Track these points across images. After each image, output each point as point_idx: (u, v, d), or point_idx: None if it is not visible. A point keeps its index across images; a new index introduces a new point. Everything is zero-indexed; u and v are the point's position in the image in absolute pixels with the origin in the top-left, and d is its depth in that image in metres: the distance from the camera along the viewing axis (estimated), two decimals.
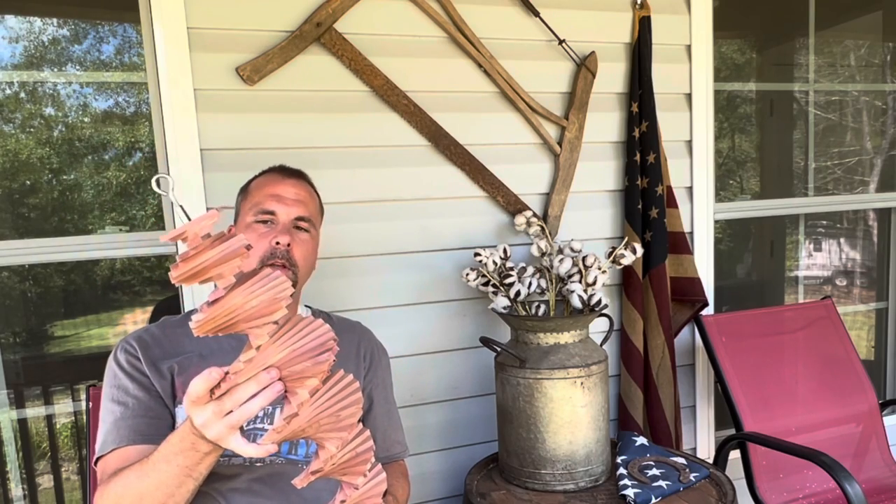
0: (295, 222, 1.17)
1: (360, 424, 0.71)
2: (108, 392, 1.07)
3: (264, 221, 1.15)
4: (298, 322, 0.67)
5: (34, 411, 1.83)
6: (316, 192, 1.28)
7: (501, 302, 1.57)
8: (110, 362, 1.10)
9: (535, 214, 1.73)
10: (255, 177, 1.26)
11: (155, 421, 1.03)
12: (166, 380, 1.08)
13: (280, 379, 0.67)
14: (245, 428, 0.76)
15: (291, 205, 1.17)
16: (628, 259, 1.57)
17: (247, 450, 0.73)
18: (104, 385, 1.09)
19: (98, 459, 1.03)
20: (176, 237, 0.61)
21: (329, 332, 0.67)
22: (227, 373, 0.69)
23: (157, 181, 0.70)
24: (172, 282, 0.63)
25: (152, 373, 1.07)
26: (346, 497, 0.71)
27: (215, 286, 0.64)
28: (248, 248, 0.63)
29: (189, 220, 0.62)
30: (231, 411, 0.71)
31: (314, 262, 1.23)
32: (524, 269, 1.59)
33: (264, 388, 0.68)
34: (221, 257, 0.62)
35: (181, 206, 0.68)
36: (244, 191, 1.24)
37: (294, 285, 1.16)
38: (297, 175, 1.25)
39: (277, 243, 1.12)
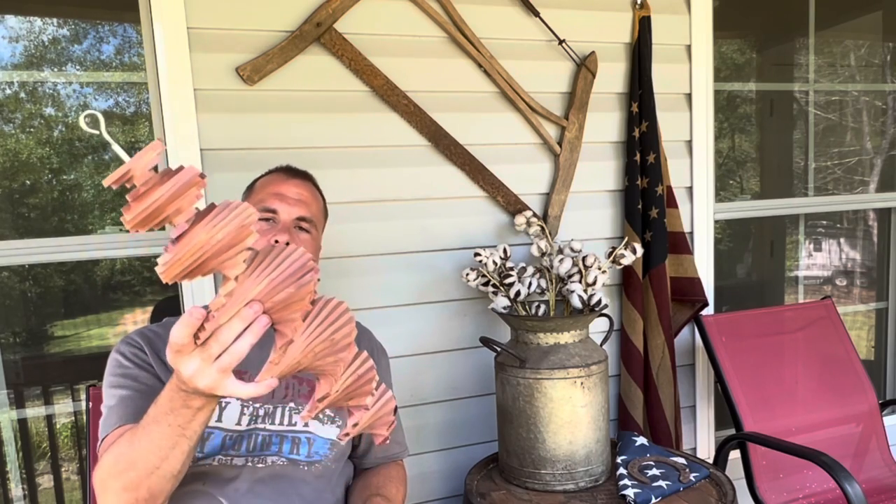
0: (296, 222, 1.17)
1: (356, 347, 0.68)
2: (109, 380, 1.05)
3: (266, 219, 1.15)
4: (272, 251, 0.63)
5: (34, 411, 1.83)
6: (321, 193, 1.28)
7: (501, 302, 1.57)
8: (113, 355, 1.08)
9: (535, 214, 1.73)
10: (262, 175, 1.26)
11: None
12: (170, 373, 1.07)
13: (265, 313, 0.64)
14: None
15: (293, 204, 1.17)
16: (628, 259, 1.57)
17: (246, 390, 0.68)
18: (105, 376, 1.07)
19: (101, 443, 1.00)
20: (120, 178, 0.56)
21: (306, 253, 0.64)
22: (208, 312, 0.64)
23: (87, 119, 0.63)
24: (126, 227, 0.57)
25: (158, 365, 1.07)
26: (358, 419, 0.69)
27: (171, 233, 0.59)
28: (203, 176, 0.59)
29: (129, 158, 0.57)
30: (220, 355, 0.66)
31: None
32: (524, 269, 1.59)
33: (250, 325, 0.64)
34: (176, 190, 0.57)
35: (119, 145, 0.61)
36: (250, 188, 1.25)
37: None
38: (303, 176, 1.25)
39: (276, 241, 1.12)
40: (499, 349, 1.51)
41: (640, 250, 1.61)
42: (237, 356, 0.66)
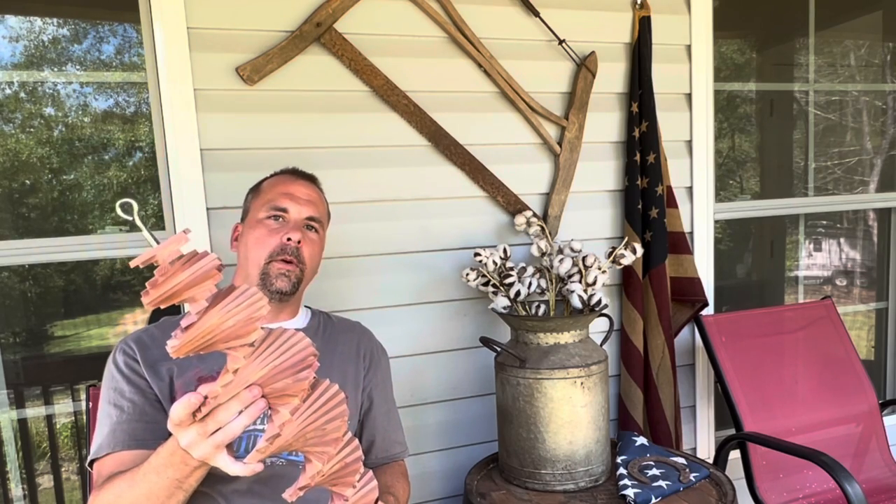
0: (306, 221, 1.20)
1: (349, 434, 0.71)
2: (105, 394, 1.07)
3: (276, 217, 1.17)
4: (279, 336, 0.66)
5: (34, 411, 1.83)
6: (324, 197, 1.31)
7: (501, 302, 1.57)
8: (109, 364, 1.10)
9: (535, 214, 1.73)
10: (268, 177, 1.28)
11: (151, 425, 1.03)
12: (164, 381, 1.07)
13: (263, 396, 0.66)
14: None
15: (303, 204, 1.20)
16: (628, 259, 1.57)
17: (234, 468, 0.73)
18: (103, 386, 1.09)
19: (93, 462, 1.03)
20: (145, 262, 0.60)
21: (309, 346, 0.66)
22: (206, 397, 0.68)
23: (122, 206, 0.68)
24: (146, 305, 0.61)
25: (150, 375, 1.07)
26: None
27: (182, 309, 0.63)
28: (220, 269, 0.62)
29: (157, 243, 0.61)
30: (216, 430, 0.70)
31: (319, 263, 1.25)
32: (524, 269, 1.59)
33: (248, 406, 0.67)
34: (192, 279, 0.60)
35: (149, 232, 0.65)
36: (255, 189, 1.27)
37: (300, 283, 1.18)
38: (310, 178, 1.29)
39: (289, 239, 1.14)
40: (499, 349, 1.51)
41: (640, 250, 1.61)
42: (231, 435, 0.71)
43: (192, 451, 0.73)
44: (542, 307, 1.61)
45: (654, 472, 1.48)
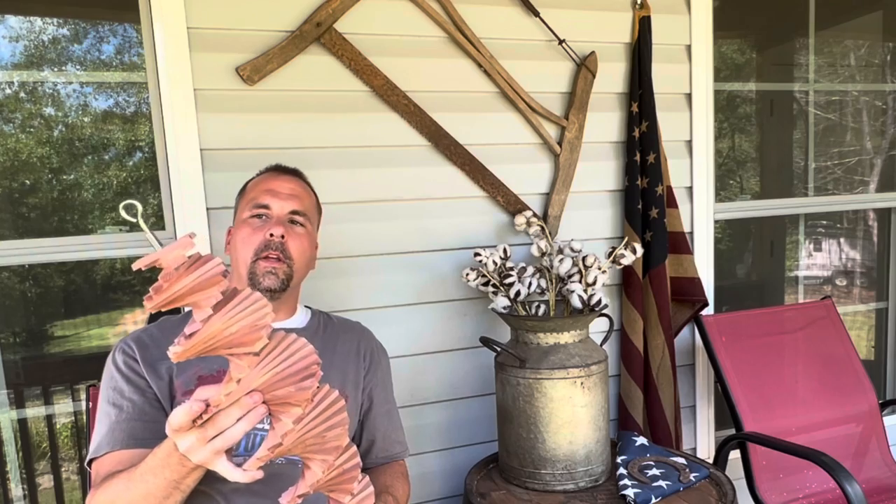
0: (289, 216, 1.18)
1: (347, 440, 0.71)
2: (104, 393, 1.07)
3: (259, 216, 1.17)
4: (282, 341, 0.65)
5: (34, 411, 1.83)
6: (312, 189, 1.29)
7: (501, 302, 1.57)
8: (108, 363, 1.10)
9: (535, 214, 1.73)
10: (253, 177, 1.27)
11: (150, 425, 1.03)
12: (164, 381, 1.07)
13: (264, 402, 0.66)
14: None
15: (285, 199, 1.18)
16: (628, 259, 1.57)
17: (233, 475, 0.72)
18: (101, 386, 1.09)
19: (91, 461, 1.03)
20: (148, 265, 0.59)
21: (312, 353, 0.66)
22: (207, 405, 0.68)
23: (126, 208, 0.68)
24: (147, 310, 0.62)
25: (150, 374, 1.07)
26: None
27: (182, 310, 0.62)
28: (225, 275, 0.61)
29: (161, 246, 0.60)
30: (215, 436, 0.70)
31: (311, 258, 1.24)
32: (524, 269, 1.59)
33: (248, 412, 0.67)
34: (197, 285, 0.60)
35: (153, 234, 0.65)
36: (242, 191, 1.27)
37: (290, 279, 1.16)
38: (292, 172, 1.27)
39: (272, 235, 1.13)
40: (499, 349, 1.51)
41: (640, 250, 1.61)
42: (230, 441, 0.70)
43: (190, 457, 0.72)
44: (542, 307, 1.61)
45: (654, 472, 1.48)
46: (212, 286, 0.60)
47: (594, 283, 1.52)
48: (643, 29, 1.81)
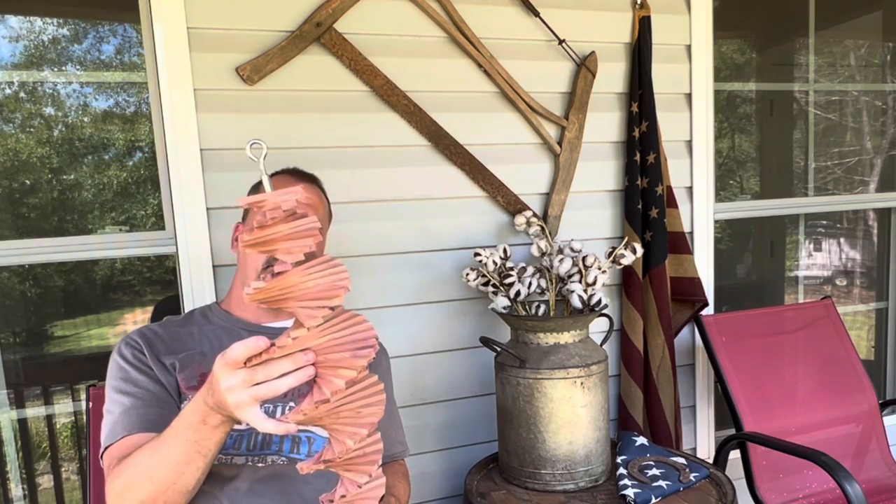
0: None
1: (380, 417, 0.71)
2: (113, 385, 1.05)
3: None
4: (345, 313, 0.67)
5: (34, 411, 1.83)
6: (326, 196, 1.30)
7: (501, 302, 1.57)
8: (114, 357, 1.09)
9: (535, 214, 1.73)
10: (269, 176, 1.26)
11: (165, 411, 1.02)
12: (172, 375, 1.07)
13: (313, 364, 0.67)
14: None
15: (302, 208, 1.17)
16: (628, 259, 1.57)
17: (265, 425, 0.71)
18: (108, 379, 1.07)
19: (105, 451, 1.00)
20: (253, 203, 0.63)
21: (373, 330, 0.68)
22: (272, 344, 0.68)
23: (251, 145, 0.72)
24: (241, 245, 0.64)
25: (157, 367, 1.07)
26: (346, 492, 0.71)
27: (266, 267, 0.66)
28: (321, 231, 0.63)
29: (272, 189, 0.64)
30: (259, 383, 0.70)
31: None
32: (524, 269, 1.59)
33: (298, 369, 0.67)
34: (294, 233, 0.64)
35: (266, 176, 0.68)
36: (255, 189, 1.26)
37: None
38: (310, 179, 1.27)
39: None
40: (499, 349, 1.51)
41: (640, 250, 1.61)
42: (274, 391, 0.69)
43: (228, 396, 0.71)
44: (542, 307, 1.61)
45: (654, 472, 1.48)
46: (308, 237, 0.64)
47: (594, 283, 1.52)
48: (643, 29, 1.81)
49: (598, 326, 1.73)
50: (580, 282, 1.53)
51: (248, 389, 0.70)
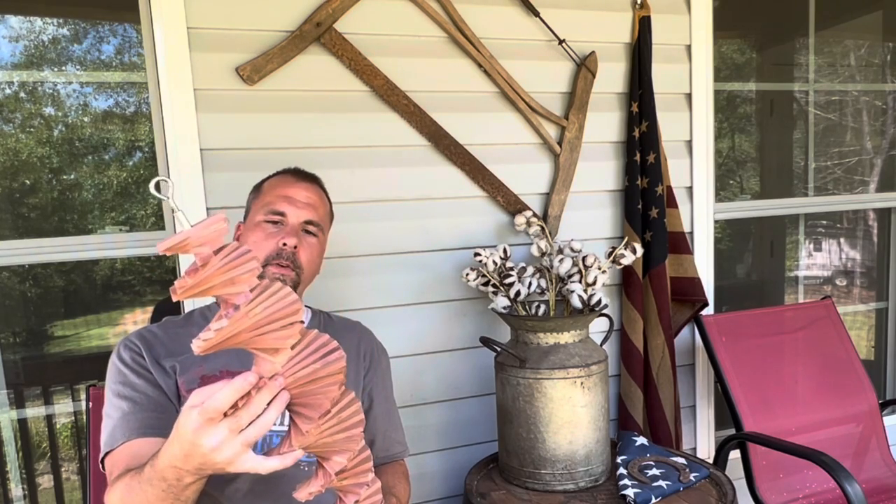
0: (304, 225, 1.19)
1: (362, 442, 0.71)
2: (112, 388, 1.05)
3: (274, 222, 1.17)
4: (317, 338, 0.65)
5: (34, 411, 1.83)
6: (327, 197, 1.29)
7: (501, 302, 1.57)
8: (113, 360, 1.09)
9: (535, 214, 1.73)
10: (270, 176, 1.27)
11: (164, 415, 1.02)
12: (171, 378, 1.07)
13: (287, 390, 0.65)
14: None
15: (302, 208, 1.18)
16: (628, 259, 1.57)
17: (268, 464, 0.67)
18: (108, 383, 1.07)
19: (105, 456, 1.00)
20: (175, 246, 0.53)
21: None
22: (260, 377, 0.64)
23: (157, 184, 0.62)
24: (175, 297, 0.56)
25: (156, 370, 1.07)
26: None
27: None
28: (261, 277, 0.59)
29: (190, 225, 0.55)
30: (244, 428, 0.65)
31: (319, 266, 1.24)
32: (524, 269, 1.59)
33: (276, 396, 0.64)
34: (228, 264, 0.56)
35: (181, 212, 0.60)
36: (257, 189, 1.26)
37: (296, 287, 1.16)
38: (311, 179, 1.27)
39: (284, 244, 1.13)
40: (499, 349, 1.51)
41: (640, 250, 1.61)
42: (263, 429, 0.65)
43: (217, 456, 0.66)
44: (542, 307, 1.61)
45: (654, 472, 1.48)
46: (244, 282, 0.57)
47: (594, 283, 1.52)
48: (643, 29, 1.81)
49: (598, 326, 1.73)
50: (580, 282, 1.53)
51: (236, 439, 0.65)
